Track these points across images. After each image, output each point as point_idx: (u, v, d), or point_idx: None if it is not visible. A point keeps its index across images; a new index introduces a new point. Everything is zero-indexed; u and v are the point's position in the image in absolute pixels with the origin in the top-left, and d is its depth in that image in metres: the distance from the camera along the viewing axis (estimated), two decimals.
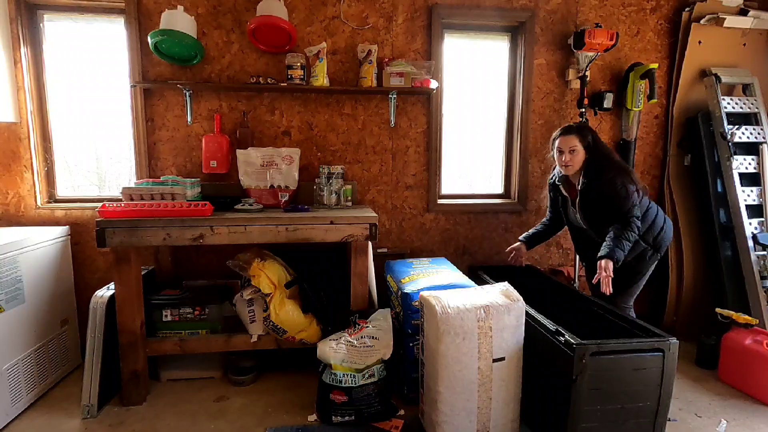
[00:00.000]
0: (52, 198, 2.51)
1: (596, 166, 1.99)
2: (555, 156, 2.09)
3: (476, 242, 2.83)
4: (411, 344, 2.07)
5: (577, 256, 2.77)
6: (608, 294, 1.88)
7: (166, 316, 2.21)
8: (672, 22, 2.81)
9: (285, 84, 2.40)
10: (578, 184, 2.04)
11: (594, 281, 1.90)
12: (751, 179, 2.66)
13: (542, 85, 2.75)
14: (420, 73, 2.46)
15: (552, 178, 2.24)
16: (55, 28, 2.45)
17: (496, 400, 1.76)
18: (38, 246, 2.14)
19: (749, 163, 2.66)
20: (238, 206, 2.21)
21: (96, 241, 1.89)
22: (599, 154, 2.01)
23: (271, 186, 2.35)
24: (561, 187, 2.16)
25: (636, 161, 2.84)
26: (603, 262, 1.88)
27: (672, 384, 1.70)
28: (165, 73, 2.43)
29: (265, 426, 1.93)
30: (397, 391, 2.11)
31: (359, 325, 2.05)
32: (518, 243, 2.40)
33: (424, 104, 2.65)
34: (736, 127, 2.65)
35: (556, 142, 2.06)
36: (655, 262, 2.13)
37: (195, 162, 2.51)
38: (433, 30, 2.58)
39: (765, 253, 2.49)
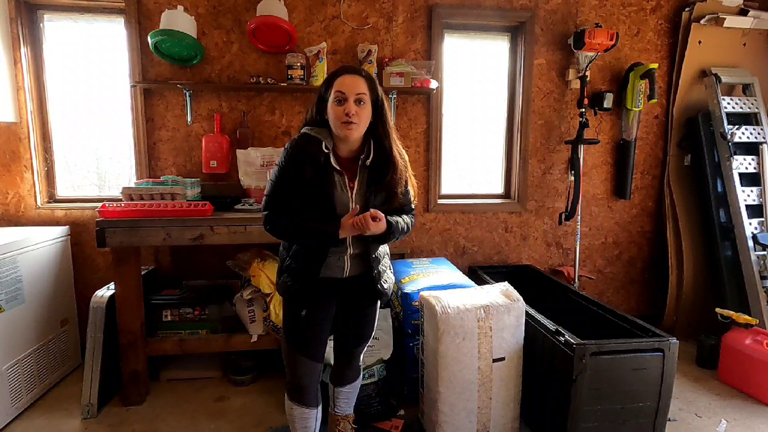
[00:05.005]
0: (52, 198, 2.51)
1: (386, 134, 1.38)
2: (330, 107, 1.32)
3: (476, 242, 2.83)
4: (411, 344, 2.07)
5: (578, 258, 2.76)
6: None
7: (166, 316, 2.21)
8: (672, 22, 2.81)
9: (285, 84, 2.40)
10: (362, 157, 1.37)
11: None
12: (751, 179, 2.66)
13: (542, 85, 2.74)
14: (420, 73, 2.46)
15: (305, 145, 1.34)
16: (55, 28, 2.45)
17: (496, 400, 1.76)
18: (38, 246, 2.14)
19: (749, 163, 2.66)
20: (238, 206, 2.20)
21: (96, 241, 1.89)
22: (386, 119, 1.39)
23: None
24: (332, 159, 1.34)
25: (636, 161, 2.84)
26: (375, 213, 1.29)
27: (672, 384, 1.70)
28: (165, 73, 2.43)
29: (265, 426, 1.93)
30: (397, 391, 2.11)
31: None
32: None
33: (424, 104, 2.65)
34: (736, 127, 2.65)
35: (336, 82, 1.31)
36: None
37: (195, 162, 2.51)
38: (433, 30, 2.58)
39: (765, 253, 2.49)
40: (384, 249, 1.54)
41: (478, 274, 2.56)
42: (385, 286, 1.50)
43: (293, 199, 1.35)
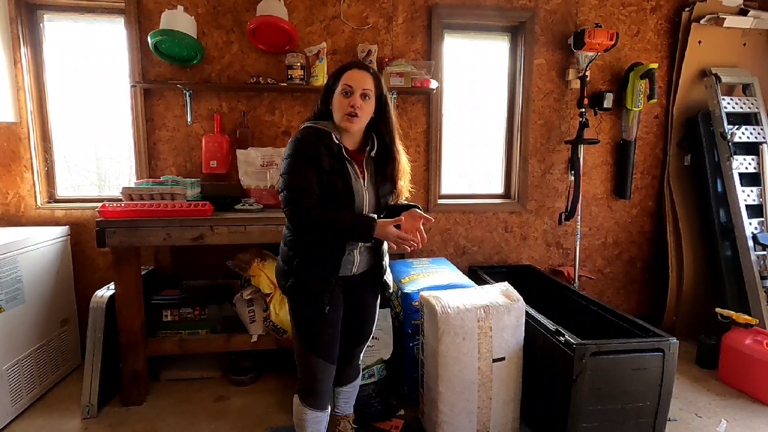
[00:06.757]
0: (52, 198, 2.51)
1: (387, 130, 1.46)
2: (336, 98, 1.38)
3: (476, 242, 2.83)
4: (411, 344, 2.07)
5: (579, 257, 2.76)
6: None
7: (166, 316, 2.21)
8: (672, 22, 2.81)
9: (285, 84, 2.40)
10: (368, 149, 1.46)
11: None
12: (751, 179, 2.66)
13: (542, 85, 2.74)
14: (420, 73, 2.46)
15: (319, 136, 1.37)
16: (55, 28, 2.45)
17: (496, 400, 1.76)
18: (38, 246, 2.14)
19: (749, 163, 2.66)
20: (238, 206, 2.20)
21: (96, 241, 1.89)
22: (389, 116, 1.46)
23: (271, 186, 2.35)
24: (343, 149, 1.39)
25: (636, 161, 2.84)
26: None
27: (672, 384, 1.70)
28: (165, 73, 2.43)
29: (265, 426, 1.94)
30: (397, 391, 2.11)
31: None
32: None
33: (424, 104, 2.65)
34: (736, 127, 2.65)
35: (344, 76, 1.38)
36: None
37: (195, 162, 2.51)
38: (433, 30, 2.58)
39: (765, 253, 2.49)
40: (386, 245, 1.58)
41: (478, 274, 2.56)
42: (389, 279, 1.60)
43: (316, 188, 1.34)
